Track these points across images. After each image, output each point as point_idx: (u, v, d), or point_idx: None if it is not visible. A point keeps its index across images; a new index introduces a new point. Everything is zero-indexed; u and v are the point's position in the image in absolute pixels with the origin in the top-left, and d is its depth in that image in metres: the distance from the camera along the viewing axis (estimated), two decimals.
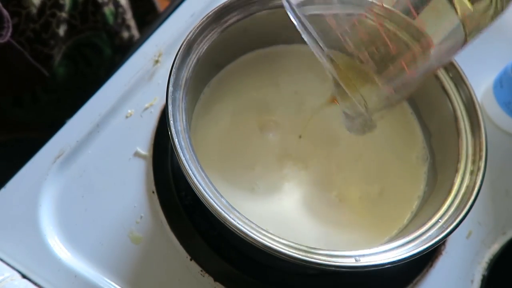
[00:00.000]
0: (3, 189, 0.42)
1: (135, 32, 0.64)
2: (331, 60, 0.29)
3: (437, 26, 0.29)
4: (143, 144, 0.45)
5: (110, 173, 0.43)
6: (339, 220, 0.40)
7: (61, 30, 0.51)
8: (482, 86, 0.52)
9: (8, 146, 0.54)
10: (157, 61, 0.48)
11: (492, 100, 0.50)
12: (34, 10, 0.47)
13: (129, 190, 0.43)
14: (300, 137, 0.43)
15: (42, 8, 0.48)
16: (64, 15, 0.50)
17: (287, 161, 0.42)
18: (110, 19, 0.57)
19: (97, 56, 0.58)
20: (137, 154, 0.44)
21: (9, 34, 0.42)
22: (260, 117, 0.43)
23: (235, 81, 0.44)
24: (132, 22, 0.63)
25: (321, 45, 0.29)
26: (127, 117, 0.46)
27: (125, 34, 0.61)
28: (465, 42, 0.30)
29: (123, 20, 0.61)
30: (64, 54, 0.54)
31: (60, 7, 0.49)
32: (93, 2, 0.54)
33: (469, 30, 0.29)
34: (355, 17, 0.29)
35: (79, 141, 0.44)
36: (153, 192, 0.43)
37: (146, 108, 0.46)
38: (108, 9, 0.56)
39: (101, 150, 0.44)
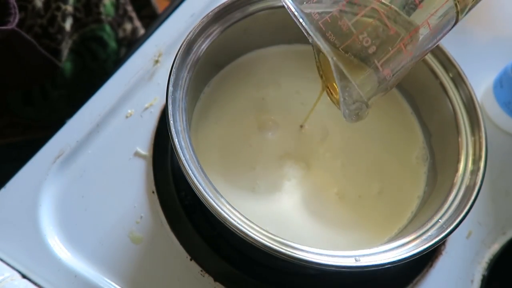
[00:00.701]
0: (3, 189, 0.42)
1: (137, 24, 0.63)
2: (333, 44, 0.29)
3: (434, 6, 0.30)
4: (143, 144, 0.45)
5: (110, 173, 0.43)
6: (339, 220, 0.40)
7: (67, 24, 0.51)
8: (482, 86, 0.52)
9: (21, 147, 0.54)
10: (157, 61, 0.48)
11: (492, 100, 0.50)
12: (39, 4, 0.46)
13: (129, 190, 0.43)
14: (301, 127, 0.43)
15: (47, 2, 0.47)
16: (69, 8, 0.50)
17: (287, 160, 0.42)
18: (111, 10, 0.57)
19: (102, 50, 0.58)
20: (137, 154, 0.44)
21: (16, 20, 0.41)
22: (261, 117, 0.43)
23: (235, 81, 0.44)
24: (134, 14, 0.63)
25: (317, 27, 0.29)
26: (127, 117, 0.46)
27: (128, 26, 0.61)
28: (456, 21, 0.31)
29: (125, 11, 0.60)
30: (71, 49, 0.54)
31: (65, 0, 0.50)
32: None
33: (460, 8, 0.31)
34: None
35: (79, 141, 0.44)
36: (153, 192, 0.43)
37: (146, 108, 0.46)
38: (109, 0, 0.56)
39: (101, 150, 0.44)
